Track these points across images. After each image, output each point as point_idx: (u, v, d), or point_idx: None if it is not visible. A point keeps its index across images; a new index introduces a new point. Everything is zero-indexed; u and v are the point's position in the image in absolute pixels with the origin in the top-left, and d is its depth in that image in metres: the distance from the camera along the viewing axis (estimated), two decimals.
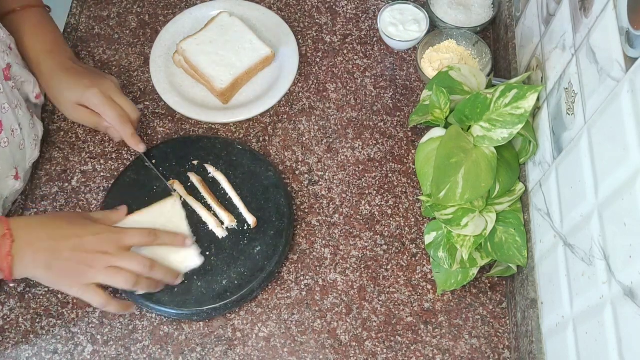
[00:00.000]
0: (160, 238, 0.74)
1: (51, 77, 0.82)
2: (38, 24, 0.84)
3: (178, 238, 0.77)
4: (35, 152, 0.83)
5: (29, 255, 0.66)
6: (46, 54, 0.82)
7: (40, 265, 0.67)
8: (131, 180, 0.83)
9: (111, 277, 0.69)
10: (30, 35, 0.82)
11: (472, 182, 0.70)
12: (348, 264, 0.81)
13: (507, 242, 0.74)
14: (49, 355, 0.75)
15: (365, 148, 0.90)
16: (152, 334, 0.76)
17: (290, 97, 0.94)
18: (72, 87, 0.81)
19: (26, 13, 0.83)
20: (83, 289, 0.68)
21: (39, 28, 0.83)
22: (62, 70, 0.82)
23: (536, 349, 0.68)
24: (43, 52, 0.82)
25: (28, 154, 0.81)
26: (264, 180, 0.83)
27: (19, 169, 0.79)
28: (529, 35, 0.83)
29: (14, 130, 0.76)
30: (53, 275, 0.68)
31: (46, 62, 0.82)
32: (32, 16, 0.84)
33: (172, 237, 0.76)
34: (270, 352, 0.75)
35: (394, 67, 0.97)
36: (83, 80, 0.81)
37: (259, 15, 1.00)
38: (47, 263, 0.67)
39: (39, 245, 0.67)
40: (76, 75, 0.82)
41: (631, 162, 0.50)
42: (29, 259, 0.66)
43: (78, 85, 0.81)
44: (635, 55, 0.51)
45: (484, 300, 0.79)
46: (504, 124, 0.70)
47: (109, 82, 0.83)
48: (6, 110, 0.74)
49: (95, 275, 0.68)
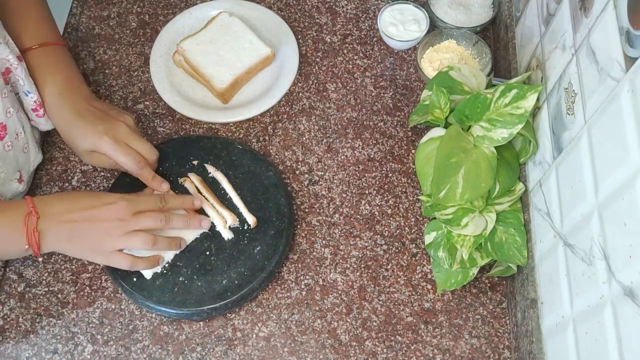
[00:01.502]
0: (170, 203, 0.77)
1: (63, 123, 0.79)
2: (52, 63, 0.81)
3: (187, 200, 0.79)
4: (38, 155, 0.83)
5: (52, 229, 0.70)
6: (57, 96, 0.79)
7: (63, 238, 0.71)
8: (131, 180, 0.83)
9: (130, 241, 0.72)
10: (44, 75, 0.80)
11: (472, 182, 0.70)
12: (348, 264, 0.81)
13: (507, 242, 0.74)
14: (49, 355, 0.75)
15: (365, 148, 0.90)
16: (152, 334, 0.76)
17: (290, 97, 0.94)
18: (83, 136, 0.78)
19: (42, 51, 0.81)
20: (107, 256, 0.73)
21: (53, 67, 0.81)
22: (73, 116, 0.78)
23: (536, 348, 0.68)
24: (54, 94, 0.79)
25: (32, 157, 0.81)
26: (264, 180, 0.83)
27: (22, 172, 0.79)
28: (529, 35, 0.83)
29: (18, 134, 0.76)
30: (76, 247, 0.72)
31: (57, 105, 0.79)
32: (48, 54, 0.81)
33: (180, 200, 0.79)
34: (271, 352, 0.75)
35: (394, 67, 0.97)
36: (96, 127, 0.78)
37: (259, 15, 1.00)
38: (69, 235, 0.71)
39: (60, 218, 0.70)
40: (87, 121, 0.78)
41: (631, 162, 0.50)
42: (53, 233, 0.70)
43: (90, 133, 0.78)
44: (635, 55, 0.51)
45: (484, 300, 0.79)
46: (504, 124, 0.70)
47: (122, 125, 0.79)
48: (11, 114, 0.74)
49: (115, 243, 0.72)
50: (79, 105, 0.80)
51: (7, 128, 0.74)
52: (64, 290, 0.79)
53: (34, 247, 0.69)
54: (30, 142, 0.80)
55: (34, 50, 0.80)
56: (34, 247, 0.69)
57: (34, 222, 0.69)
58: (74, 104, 0.80)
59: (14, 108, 0.75)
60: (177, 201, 0.79)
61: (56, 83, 0.80)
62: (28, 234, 0.68)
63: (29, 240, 0.69)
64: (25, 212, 0.69)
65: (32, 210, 0.69)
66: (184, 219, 0.77)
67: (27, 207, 0.69)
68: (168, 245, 0.76)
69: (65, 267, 0.80)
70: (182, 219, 0.77)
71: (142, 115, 0.92)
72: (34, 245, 0.69)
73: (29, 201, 0.70)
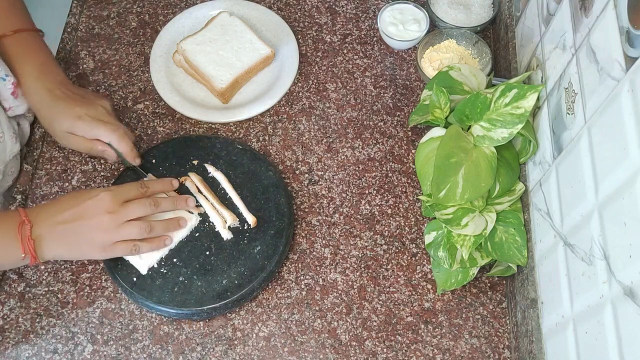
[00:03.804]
0: (151, 187, 0.77)
1: (40, 105, 0.80)
2: (27, 48, 0.82)
3: (165, 182, 0.80)
4: (15, 145, 0.83)
5: (47, 235, 0.70)
6: (34, 80, 0.80)
7: (59, 241, 0.71)
8: (131, 180, 0.83)
9: (125, 232, 0.72)
10: (19, 61, 0.81)
11: (472, 181, 0.70)
12: (348, 264, 0.81)
13: (507, 242, 0.74)
14: (49, 355, 0.75)
15: (365, 148, 0.90)
16: (152, 334, 0.76)
17: (290, 96, 0.94)
18: (61, 117, 0.79)
19: (17, 37, 0.82)
20: (106, 250, 0.72)
21: (28, 53, 0.82)
22: (51, 99, 0.80)
23: (536, 348, 0.68)
24: (31, 78, 0.80)
25: (8, 147, 0.81)
26: (264, 180, 0.83)
27: None
28: (529, 35, 0.83)
29: None
30: (74, 249, 0.72)
31: (34, 89, 0.80)
32: (22, 40, 0.82)
33: (160, 184, 0.79)
34: (271, 352, 0.75)
35: (394, 67, 0.97)
36: (73, 109, 0.79)
37: (259, 14, 1.00)
38: (64, 238, 0.71)
39: (51, 222, 0.70)
40: (65, 103, 0.80)
41: (631, 161, 0.50)
42: (48, 238, 0.70)
43: (67, 115, 0.79)
44: (635, 55, 0.51)
45: (484, 299, 0.79)
46: (504, 124, 0.70)
47: (99, 107, 0.81)
48: None
49: (111, 236, 0.72)
50: (56, 89, 0.81)
51: None
52: (64, 290, 0.79)
53: (30, 254, 0.69)
54: (6, 133, 0.80)
55: (9, 37, 0.81)
56: (31, 255, 0.69)
57: (28, 230, 0.69)
58: (51, 88, 0.81)
59: None
60: (157, 185, 0.79)
61: (33, 68, 0.81)
62: (23, 243, 0.68)
63: (25, 249, 0.68)
64: (18, 222, 0.69)
65: (24, 219, 0.69)
66: (171, 200, 0.78)
67: (20, 217, 0.69)
68: (166, 228, 0.76)
69: (65, 267, 0.80)
70: (169, 200, 0.78)
71: (142, 115, 0.92)
72: (30, 252, 0.69)
73: (21, 211, 0.70)
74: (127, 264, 0.76)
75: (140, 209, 0.74)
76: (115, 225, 0.71)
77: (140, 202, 0.74)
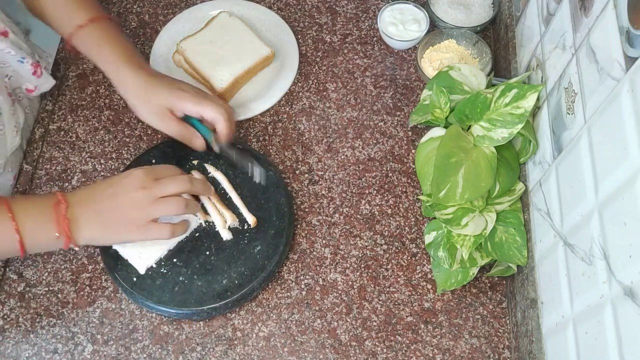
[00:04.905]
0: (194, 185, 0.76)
1: (137, 84, 0.78)
2: (107, 35, 0.81)
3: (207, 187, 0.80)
4: (16, 139, 0.82)
5: (82, 216, 0.69)
6: (126, 59, 0.79)
7: (94, 223, 0.70)
8: None
9: (163, 208, 0.71)
10: (104, 47, 0.79)
11: (472, 181, 0.70)
12: (348, 264, 0.81)
13: (507, 242, 0.74)
14: (49, 354, 0.75)
15: (366, 147, 0.90)
16: (152, 334, 0.76)
17: (290, 96, 0.94)
18: (162, 90, 0.78)
19: (94, 26, 0.80)
20: (143, 229, 0.71)
21: (109, 39, 0.80)
22: (148, 75, 0.79)
23: (536, 348, 0.68)
24: (121, 59, 0.79)
25: (9, 140, 0.80)
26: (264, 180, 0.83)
27: None
28: (529, 35, 0.83)
29: None
30: (109, 229, 0.71)
31: (128, 70, 0.79)
32: (100, 28, 0.81)
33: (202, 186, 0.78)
34: (270, 352, 0.75)
35: (394, 67, 0.97)
36: (174, 82, 0.79)
37: (259, 14, 1.00)
38: (100, 219, 0.70)
39: (87, 204, 0.70)
40: (163, 78, 0.80)
41: (631, 161, 0.50)
42: (83, 219, 0.69)
43: (169, 86, 0.78)
44: (635, 55, 0.51)
45: (484, 299, 0.79)
46: (504, 124, 0.70)
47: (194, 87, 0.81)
48: None
49: (147, 213, 0.71)
50: (150, 70, 0.81)
51: None
52: (64, 290, 0.79)
53: (65, 234, 0.68)
54: (6, 126, 0.79)
55: (86, 27, 0.79)
56: (65, 235, 0.68)
57: (64, 209, 0.68)
58: (146, 68, 0.80)
59: None
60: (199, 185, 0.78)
61: (120, 51, 0.80)
62: (59, 222, 0.68)
63: (59, 229, 0.68)
64: (54, 202, 0.69)
65: (60, 199, 0.69)
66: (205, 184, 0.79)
67: (56, 197, 0.69)
68: (196, 206, 0.76)
69: (65, 267, 0.80)
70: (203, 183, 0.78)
71: None
72: (65, 232, 0.68)
73: (58, 193, 0.70)
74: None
75: (174, 185, 0.73)
76: (150, 201, 0.70)
77: (175, 178, 0.73)
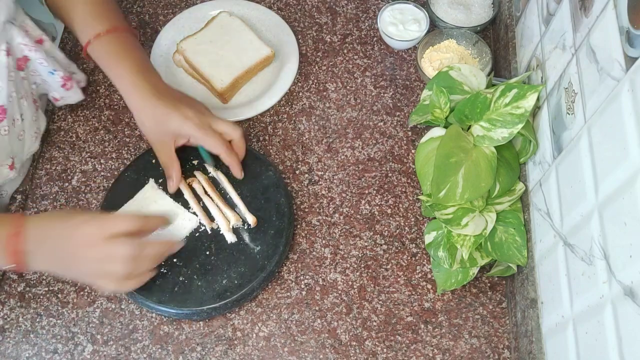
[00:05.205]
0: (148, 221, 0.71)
1: (143, 103, 0.77)
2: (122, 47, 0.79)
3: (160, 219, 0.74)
4: (34, 144, 0.83)
5: (38, 251, 0.67)
6: (136, 74, 0.77)
7: (47, 261, 0.69)
8: (131, 180, 0.83)
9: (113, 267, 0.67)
10: (116, 59, 0.78)
11: (472, 181, 0.70)
12: (348, 264, 0.81)
13: (507, 242, 0.74)
14: (49, 354, 0.75)
15: (365, 148, 0.90)
16: (152, 334, 0.76)
17: (290, 96, 0.94)
18: (168, 118, 0.76)
19: (111, 37, 0.79)
20: (94, 277, 0.69)
21: (126, 50, 0.79)
22: (154, 95, 0.76)
23: (536, 348, 0.68)
24: (132, 74, 0.77)
25: (27, 145, 0.81)
26: (264, 180, 0.83)
27: (15, 160, 0.79)
28: (529, 35, 0.83)
29: (15, 120, 0.76)
30: (63, 270, 0.70)
31: (136, 86, 0.77)
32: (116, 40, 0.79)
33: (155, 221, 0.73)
34: (270, 352, 0.75)
35: (394, 67, 0.97)
36: (180, 109, 0.77)
37: (259, 14, 1.00)
38: (53, 258, 0.68)
39: (43, 241, 0.67)
40: (172, 102, 0.77)
41: (631, 161, 0.50)
42: (38, 255, 0.67)
43: (176, 115, 0.76)
44: (635, 55, 0.51)
45: (484, 299, 0.79)
46: (504, 124, 0.70)
47: (203, 108, 0.79)
48: (12, 99, 0.74)
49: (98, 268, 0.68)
50: (160, 85, 0.78)
51: (6, 112, 0.73)
52: (64, 290, 0.79)
53: (19, 265, 0.66)
54: (27, 131, 0.79)
55: (102, 37, 0.78)
56: (19, 265, 0.66)
57: (19, 243, 0.66)
58: (156, 84, 0.78)
59: (18, 94, 0.75)
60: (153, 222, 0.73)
61: (132, 64, 0.78)
62: (14, 253, 0.66)
63: (14, 259, 0.66)
64: (11, 232, 0.66)
65: (18, 230, 0.66)
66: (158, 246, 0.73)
67: (14, 227, 0.66)
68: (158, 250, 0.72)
69: None
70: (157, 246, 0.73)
71: None
72: (18, 262, 0.66)
73: (16, 221, 0.67)
74: None
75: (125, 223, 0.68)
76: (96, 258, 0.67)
77: (127, 242, 0.68)
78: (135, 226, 0.68)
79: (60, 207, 0.85)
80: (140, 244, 0.69)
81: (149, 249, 0.70)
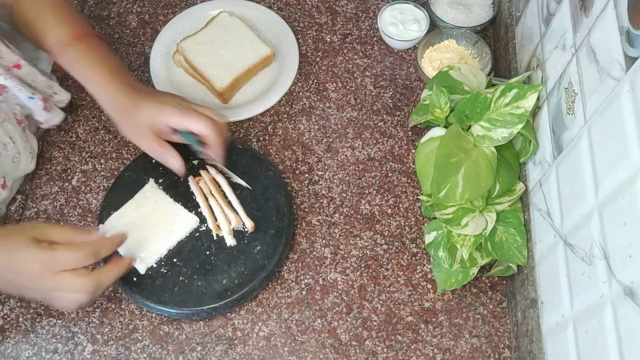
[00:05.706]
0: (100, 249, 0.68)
1: (117, 102, 0.76)
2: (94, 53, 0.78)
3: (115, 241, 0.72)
4: (31, 164, 0.83)
5: None
6: (109, 76, 0.77)
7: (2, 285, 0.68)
8: (131, 180, 0.83)
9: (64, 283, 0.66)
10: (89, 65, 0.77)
11: (472, 181, 0.70)
12: (348, 264, 0.81)
13: (507, 242, 0.74)
14: (49, 354, 0.75)
15: (365, 147, 0.90)
16: (152, 334, 0.76)
17: (290, 96, 0.94)
18: (145, 105, 0.76)
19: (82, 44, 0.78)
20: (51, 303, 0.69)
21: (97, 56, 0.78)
22: (130, 91, 0.76)
23: (536, 348, 0.68)
24: (105, 77, 0.77)
25: (22, 166, 0.81)
26: (264, 180, 0.83)
27: (7, 178, 0.78)
28: (529, 35, 0.83)
29: (6, 144, 0.76)
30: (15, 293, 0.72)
31: (111, 85, 0.77)
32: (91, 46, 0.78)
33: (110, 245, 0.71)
34: (271, 352, 0.75)
35: (394, 67, 0.97)
36: (154, 98, 0.76)
37: (259, 14, 1.00)
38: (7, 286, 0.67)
39: None
40: (144, 95, 0.77)
41: (631, 161, 0.50)
42: None
43: (152, 101, 0.75)
44: (635, 55, 0.51)
45: (484, 299, 0.79)
46: (504, 124, 0.70)
47: (178, 97, 0.79)
48: None
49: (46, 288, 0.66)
50: (135, 84, 0.78)
51: None
52: None
53: None
54: (22, 153, 0.80)
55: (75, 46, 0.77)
56: None
57: None
58: (130, 83, 0.78)
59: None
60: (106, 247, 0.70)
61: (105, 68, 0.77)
62: None
63: None
64: None
65: None
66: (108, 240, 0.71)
67: None
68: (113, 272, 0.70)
69: None
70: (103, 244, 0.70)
71: None
72: None
73: None
74: None
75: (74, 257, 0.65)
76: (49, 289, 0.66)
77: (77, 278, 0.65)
78: (85, 261, 0.66)
79: (60, 207, 0.85)
80: (91, 277, 0.66)
81: (103, 277, 0.68)
